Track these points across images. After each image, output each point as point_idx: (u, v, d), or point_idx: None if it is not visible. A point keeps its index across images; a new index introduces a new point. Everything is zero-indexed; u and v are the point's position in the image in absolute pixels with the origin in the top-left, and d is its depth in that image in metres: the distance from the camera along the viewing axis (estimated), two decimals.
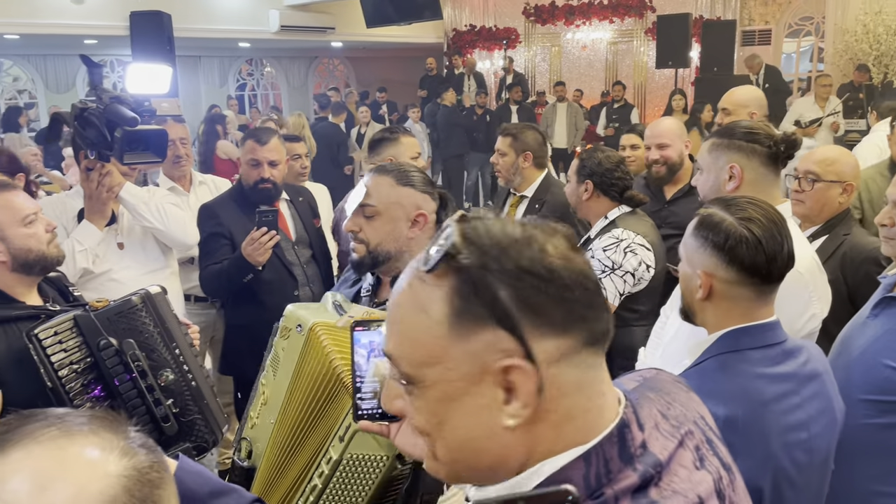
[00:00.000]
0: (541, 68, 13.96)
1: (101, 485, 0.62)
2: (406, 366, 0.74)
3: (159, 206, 2.78)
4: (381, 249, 1.77)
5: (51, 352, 1.81)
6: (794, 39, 12.96)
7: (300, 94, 15.69)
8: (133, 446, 0.67)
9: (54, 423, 0.66)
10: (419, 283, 0.73)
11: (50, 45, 12.00)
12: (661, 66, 10.14)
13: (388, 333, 0.77)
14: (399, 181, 1.78)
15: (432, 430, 0.74)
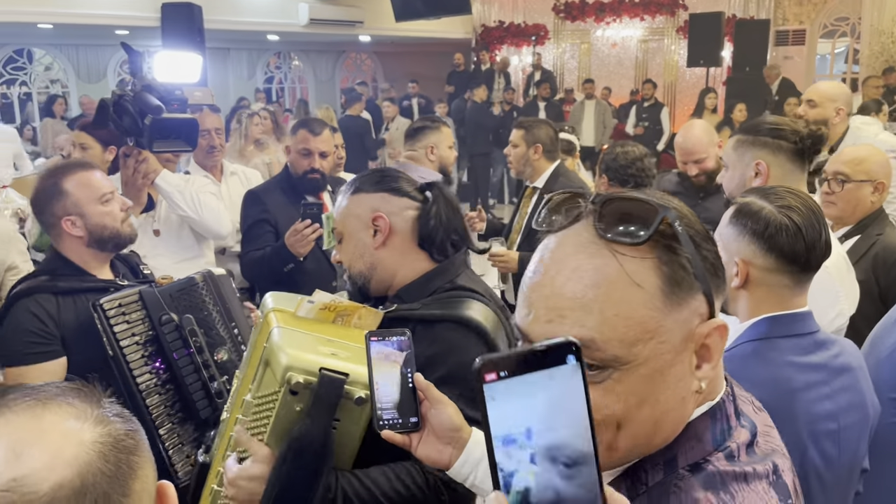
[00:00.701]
0: (569, 65, 13.88)
1: (76, 450, 0.63)
2: (616, 348, 0.70)
3: (194, 195, 2.81)
4: (353, 272, 1.64)
5: (114, 322, 1.92)
6: (828, 40, 12.74)
7: (327, 87, 15.75)
8: (108, 415, 0.68)
9: (30, 393, 0.67)
10: (621, 258, 0.71)
11: (82, 35, 12.16)
12: (692, 64, 10.05)
13: (584, 319, 0.70)
14: (348, 191, 1.64)
15: (628, 414, 0.71)
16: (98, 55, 13.19)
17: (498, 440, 0.58)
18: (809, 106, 3.35)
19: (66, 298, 2.02)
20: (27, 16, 9.60)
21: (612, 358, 0.70)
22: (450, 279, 1.63)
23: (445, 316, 1.55)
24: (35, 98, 12.98)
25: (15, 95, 12.94)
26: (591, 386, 0.68)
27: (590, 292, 0.71)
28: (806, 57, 12.33)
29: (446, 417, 1.13)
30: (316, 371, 1.33)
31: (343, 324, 1.56)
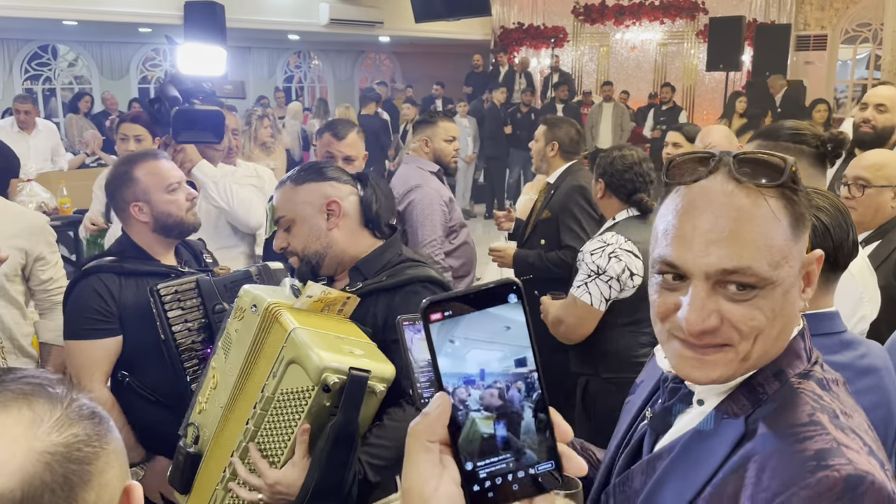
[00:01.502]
0: (588, 68, 13.86)
1: (23, 460, 0.62)
2: (766, 271, 0.85)
3: (228, 187, 2.85)
4: (308, 253, 1.80)
5: (168, 307, 2.00)
6: (850, 46, 12.64)
7: (346, 87, 15.81)
8: (70, 418, 0.67)
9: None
10: (764, 198, 0.86)
11: (106, 32, 12.30)
12: (711, 68, 10.00)
13: (736, 249, 0.85)
14: (296, 182, 1.81)
15: (766, 325, 0.86)
16: (121, 52, 13.33)
17: (449, 378, 0.62)
18: (879, 111, 3.29)
19: (128, 280, 2.10)
20: (52, 12, 9.73)
21: (763, 279, 0.85)
22: (398, 252, 1.86)
23: (414, 278, 1.78)
24: (59, 94, 13.13)
25: (39, 91, 13.10)
26: (739, 305, 0.86)
27: (745, 226, 0.85)
28: (827, 62, 12.25)
29: None
30: (346, 370, 1.48)
31: (329, 311, 1.70)
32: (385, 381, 1.55)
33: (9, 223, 2.53)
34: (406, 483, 0.60)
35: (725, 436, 0.87)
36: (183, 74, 2.77)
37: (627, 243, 2.45)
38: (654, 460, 0.95)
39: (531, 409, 0.62)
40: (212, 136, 2.67)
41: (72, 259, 5.19)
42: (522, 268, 3.46)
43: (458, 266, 3.53)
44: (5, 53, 12.31)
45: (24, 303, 2.60)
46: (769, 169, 0.87)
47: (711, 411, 0.90)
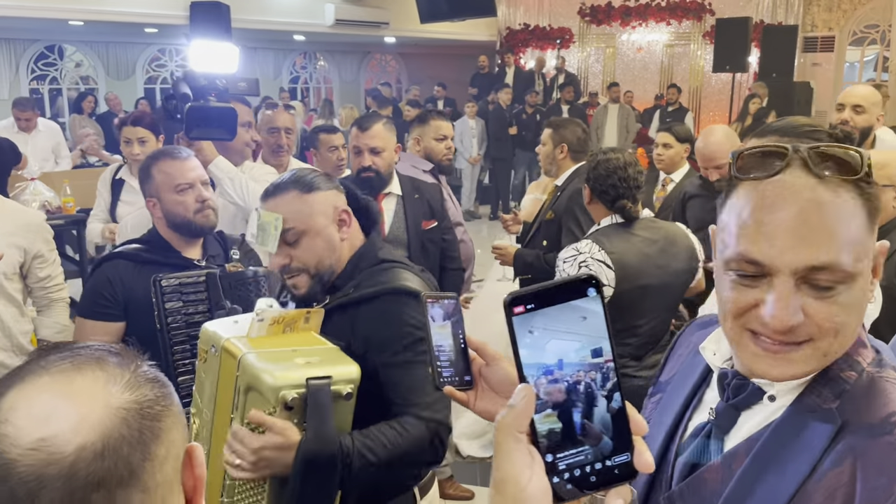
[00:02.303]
0: (594, 69, 13.83)
1: (102, 415, 0.67)
2: (850, 264, 0.83)
3: (244, 184, 2.83)
4: (322, 268, 1.69)
5: (167, 299, 2.04)
6: (857, 48, 12.58)
7: (352, 88, 15.83)
8: (139, 381, 0.71)
9: (68, 356, 0.71)
10: (845, 193, 0.84)
11: (112, 33, 12.34)
12: (717, 69, 9.96)
13: (823, 245, 0.83)
14: (304, 190, 1.68)
15: (847, 320, 0.85)
16: (127, 52, 13.37)
17: (529, 368, 0.64)
18: (856, 112, 3.20)
19: (145, 268, 2.15)
20: (59, 12, 9.76)
21: (848, 275, 0.83)
22: (374, 254, 1.76)
23: (380, 291, 1.67)
24: (65, 94, 13.18)
25: (45, 91, 13.15)
26: (823, 301, 0.84)
27: (829, 221, 0.83)
28: (834, 64, 12.19)
29: (503, 373, 1.15)
30: (303, 382, 1.41)
31: (293, 330, 1.62)
32: (351, 381, 1.48)
33: (6, 221, 2.53)
34: (499, 474, 0.63)
35: (818, 430, 0.84)
36: (197, 72, 2.76)
37: (600, 253, 2.37)
38: (729, 458, 0.90)
39: (607, 399, 0.64)
40: (225, 132, 2.65)
41: (75, 258, 5.19)
42: (521, 267, 3.45)
43: None
44: (12, 53, 12.36)
45: (22, 300, 2.60)
46: (847, 162, 0.85)
47: (790, 406, 0.88)
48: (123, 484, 0.66)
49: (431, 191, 3.17)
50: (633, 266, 2.38)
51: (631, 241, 2.44)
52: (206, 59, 2.92)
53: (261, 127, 3.48)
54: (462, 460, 3.91)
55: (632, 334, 2.42)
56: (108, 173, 3.74)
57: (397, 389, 1.63)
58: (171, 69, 13.81)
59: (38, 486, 0.63)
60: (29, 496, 0.63)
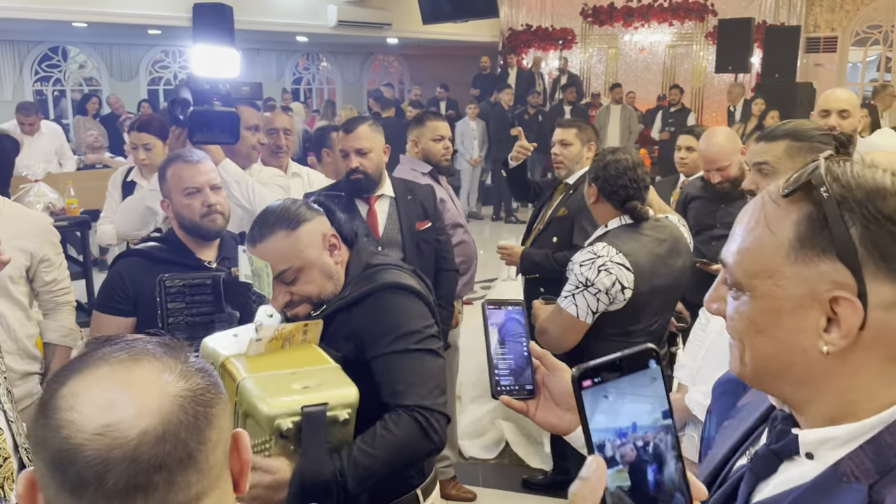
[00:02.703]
0: (596, 70, 13.83)
1: (161, 402, 0.71)
2: (740, 274, 0.82)
3: (250, 187, 2.84)
4: (325, 296, 1.71)
5: (171, 299, 2.09)
6: (860, 48, 12.57)
7: (354, 89, 15.85)
8: (190, 370, 0.76)
9: (125, 348, 0.75)
10: (772, 205, 0.81)
11: (115, 34, 12.36)
12: (720, 70, 9.94)
13: (730, 242, 0.85)
14: (290, 227, 1.68)
15: (746, 336, 0.83)
16: (130, 54, 13.40)
17: (599, 434, 0.69)
18: (842, 117, 3.16)
19: (158, 266, 2.20)
20: (62, 14, 9.79)
21: (737, 282, 0.82)
22: (363, 262, 1.79)
23: (375, 287, 1.71)
24: (69, 95, 13.22)
25: (49, 92, 13.18)
26: (733, 301, 0.84)
27: (739, 227, 0.84)
28: (837, 64, 12.18)
29: (565, 384, 1.15)
30: (298, 411, 1.43)
31: (292, 343, 1.63)
32: (349, 406, 1.49)
33: (12, 224, 2.54)
34: None
35: (843, 503, 0.75)
36: (199, 77, 2.78)
37: (618, 255, 2.35)
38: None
39: (675, 458, 0.70)
40: (228, 136, 2.67)
41: (79, 259, 5.20)
42: (528, 266, 3.43)
43: (458, 264, 3.52)
44: (16, 55, 12.39)
45: (28, 304, 2.61)
46: (798, 179, 0.79)
47: (827, 470, 0.78)
48: (182, 466, 0.70)
49: (424, 192, 3.17)
50: (647, 267, 2.38)
51: (641, 241, 2.43)
52: (208, 63, 2.93)
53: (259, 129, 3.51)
54: (464, 461, 3.92)
55: (643, 333, 2.42)
56: (118, 175, 3.75)
57: (386, 381, 1.65)
58: (175, 71, 13.84)
59: (104, 469, 0.67)
60: (96, 478, 0.67)
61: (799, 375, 0.80)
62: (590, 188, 2.52)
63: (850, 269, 0.75)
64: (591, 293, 2.35)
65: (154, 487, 0.68)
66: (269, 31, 11.72)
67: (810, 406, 0.82)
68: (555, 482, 3.61)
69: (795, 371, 0.80)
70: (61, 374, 0.73)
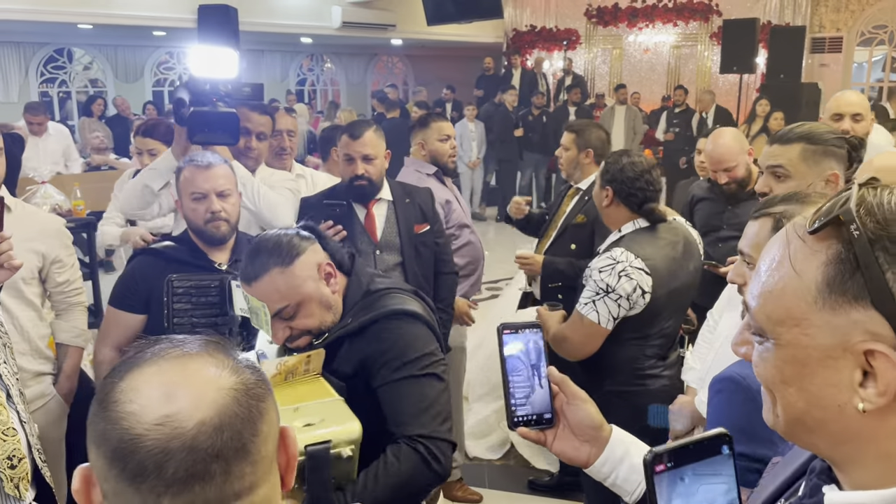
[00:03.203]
0: (601, 70, 13.82)
1: (216, 395, 0.73)
2: (763, 320, 0.74)
3: (255, 188, 2.82)
4: (325, 327, 1.70)
5: (177, 300, 2.12)
6: (866, 48, 12.54)
7: (358, 90, 15.86)
8: (240, 366, 0.78)
9: (177, 345, 0.78)
10: (799, 243, 0.71)
11: (121, 36, 12.39)
12: (725, 71, 9.93)
13: (753, 282, 0.76)
14: (285, 264, 1.64)
15: (776, 385, 0.75)
16: (136, 55, 13.44)
17: None
18: (855, 121, 3.14)
19: (170, 266, 2.24)
20: (68, 16, 9.82)
21: (760, 328, 0.75)
22: (363, 289, 1.76)
23: (378, 315, 1.69)
24: (74, 97, 13.26)
25: (55, 94, 13.22)
26: (757, 346, 0.77)
27: (762, 264, 0.76)
28: (842, 65, 12.15)
29: (585, 415, 1.11)
30: (302, 450, 1.42)
31: (295, 376, 1.62)
32: (352, 442, 1.49)
33: (24, 226, 2.54)
34: None
35: None
36: (199, 78, 2.78)
37: (637, 260, 2.33)
38: None
39: None
40: (228, 137, 2.66)
41: (85, 260, 5.22)
42: (552, 274, 3.34)
43: (464, 265, 3.50)
44: (21, 57, 12.43)
45: (40, 304, 2.62)
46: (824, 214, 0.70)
47: None
48: (237, 456, 0.72)
49: (422, 195, 3.15)
50: (664, 270, 2.37)
51: (658, 244, 2.41)
52: (206, 64, 2.91)
53: None
54: (470, 462, 3.92)
55: (659, 335, 2.40)
56: (124, 177, 3.75)
57: (390, 409, 1.64)
58: (179, 72, 13.87)
59: (164, 458, 0.69)
60: (156, 467, 0.69)
61: (835, 433, 0.72)
62: (603, 191, 2.48)
63: (886, 317, 0.65)
64: (612, 299, 2.32)
65: (211, 476, 0.70)
66: (274, 33, 11.75)
67: (853, 466, 0.73)
68: (561, 484, 3.60)
69: (831, 428, 0.72)
70: (117, 371, 0.76)
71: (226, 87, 2.78)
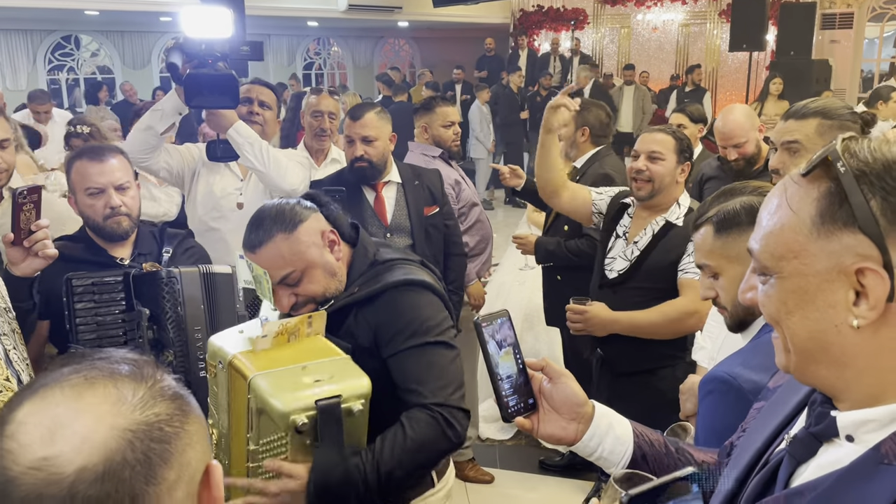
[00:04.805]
0: (609, 50, 13.71)
1: (106, 436, 0.65)
2: (766, 258, 0.83)
3: (264, 149, 2.78)
4: (329, 294, 1.69)
5: (78, 299, 1.96)
6: (877, 24, 12.39)
7: (365, 73, 15.80)
8: (154, 398, 0.70)
9: (83, 370, 0.70)
10: (794, 187, 0.82)
11: (128, 22, 12.39)
12: (734, 48, 9.85)
13: (755, 230, 0.86)
14: (288, 229, 1.63)
15: (781, 317, 0.83)
16: (143, 42, 13.43)
17: None
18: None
19: (68, 266, 2.05)
20: (74, 2, 9.82)
21: (764, 266, 0.84)
22: (369, 259, 1.76)
23: (387, 286, 1.68)
24: (82, 84, 13.27)
25: (63, 81, 13.24)
26: (763, 286, 0.85)
27: (763, 213, 0.86)
28: (853, 41, 12.01)
29: (571, 392, 1.14)
30: (313, 405, 1.43)
31: (297, 337, 1.62)
32: (361, 396, 1.49)
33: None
34: None
35: (884, 485, 0.73)
36: (193, 39, 2.66)
37: None
38: (792, 497, 0.82)
39: None
40: (227, 100, 2.57)
41: None
42: (542, 255, 3.45)
43: (474, 244, 3.52)
44: (29, 44, 12.45)
45: None
46: (817, 159, 0.81)
47: (867, 452, 0.77)
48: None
49: (431, 176, 3.14)
50: None
51: None
52: (199, 24, 2.77)
53: (305, 111, 3.50)
54: (481, 443, 3.95)
55: None
56: None
57: (404, 378, 1.65)
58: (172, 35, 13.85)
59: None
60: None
61: (836, 356, 0.80)
62: (680, 167, 2.55)
63: (872, 240, 0.75)
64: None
65: None
66: (280, 17, 11.71)
67: (850, 391, 0.81)
68: (572, 464, 3.63)
69: (832, 352, 0.80)
70: (17, 396, 0.69)
71: (223, 47, 2.64)
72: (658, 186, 2.53)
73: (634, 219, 2.68)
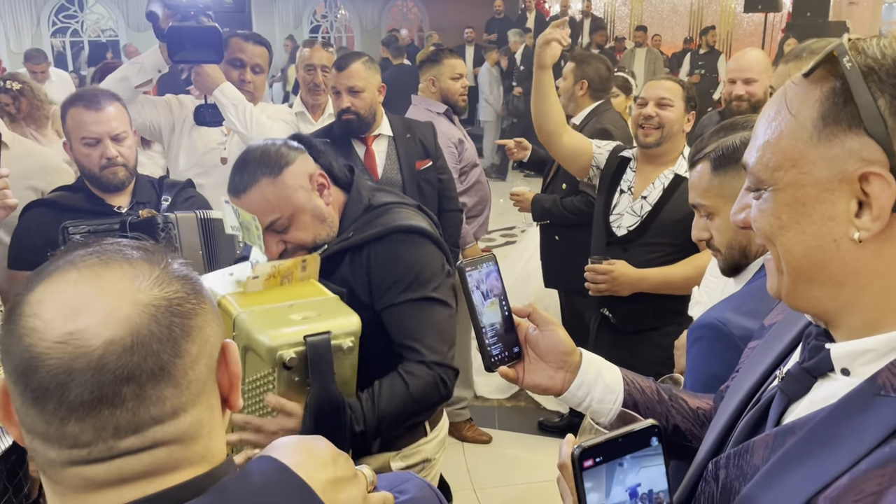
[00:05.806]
0: (621, 12, 13.45)
1: (129, 311, 0.66)
2: (762, 170, 0.76)
3: (248, 112, 2.73)
4: (319, 240, 1.64)
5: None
6: None
7: (373, 37, 15.58)
8: (169, 277, 0.70)
9: (96, 252, 0.70)
10: (795, 89, 0.75)
11: None
12: (749, 10, 9.63)
13: (750, 144, 0.79)
14: (274, 173, 1.57)
15: (774, 234, 0.77)
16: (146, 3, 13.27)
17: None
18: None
19: (65, 215, 2.06)
20: None
21: (759, 179, 0.77)
22: (364, 204, 1.70)
23: (384, 231, 1.63)
24: (87, 47, 13.17)
25: (67, 44, 13.14)
26: (756, 202, 0.78)
27: (761, 123, 0.79)
28: (872, 3, 11.71)
29: (558, 340, 1.09)
30: (301, 340, 1.39)
31: (291, 280, 1.58)
32: (351, 334, 1.45)
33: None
34: None
35: (880, 417, 0.68)
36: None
37: None
38: (782, 435, 0.78)
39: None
40: (211, 53, 2.48)
41: None
42: (538, 212, 3.39)
43: (472, 205, 3.46)
44: (32, 6, 12.34)
45: None
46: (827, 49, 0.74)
47: (863, 383, 0.72)
48: (154, 379, 0.66)
49: (424, 129, 3.06)
50: None
51: None
52: None
53: (298, 65, 3.41)
54: (479, 404, 3.92)
55: None
56: None
57: (401, 331, 1.62)
58: None
59: (67, 379, 0.63)
60: (59, 388, 0.63)
61: (833, 274, 0.74)
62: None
63: (879, 142, 0.68)
64: None
65: (122, 400, 0.64)
66: None
67: (847, 315, 0.75)
68: (571, 425, 3.59)
69: (830, 269, 0.74)
70: (30, 280, 0.69)
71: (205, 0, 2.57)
72: (667, 132, 2.51)
73: (638, 173, 2.62)
